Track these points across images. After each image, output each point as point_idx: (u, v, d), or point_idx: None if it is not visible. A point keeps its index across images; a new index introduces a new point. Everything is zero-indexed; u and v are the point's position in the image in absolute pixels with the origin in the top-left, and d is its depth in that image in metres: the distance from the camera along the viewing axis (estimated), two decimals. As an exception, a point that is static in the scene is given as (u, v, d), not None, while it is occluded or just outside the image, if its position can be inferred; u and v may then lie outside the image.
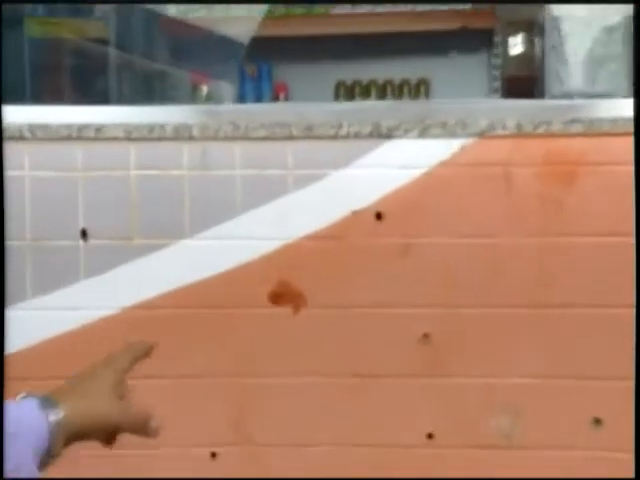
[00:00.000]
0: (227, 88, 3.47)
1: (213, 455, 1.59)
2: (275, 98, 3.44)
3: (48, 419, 0.92)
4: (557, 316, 1.55)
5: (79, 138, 1.56)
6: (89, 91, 3.15)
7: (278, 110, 1.62)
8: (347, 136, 1.56)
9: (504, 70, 3.43)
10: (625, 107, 1.50)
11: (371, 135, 1.56)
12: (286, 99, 3.43)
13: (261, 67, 3.44)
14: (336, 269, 1.57)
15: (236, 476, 1.59)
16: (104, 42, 3.24)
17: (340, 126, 1.56)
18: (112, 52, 3.26)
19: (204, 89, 3.45)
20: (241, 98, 3.44)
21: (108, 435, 0.98)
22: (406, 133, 1.56)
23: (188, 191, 1.57)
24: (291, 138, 1.57)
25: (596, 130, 1.51)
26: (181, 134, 1.57)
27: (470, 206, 1.55)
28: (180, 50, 3.45)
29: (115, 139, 1.57)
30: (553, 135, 1.52)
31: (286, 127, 1.57)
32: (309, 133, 1.57)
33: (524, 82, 3.12)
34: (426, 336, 1.56)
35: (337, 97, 3.38)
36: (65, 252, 1.56)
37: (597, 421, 1.56)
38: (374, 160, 1.56)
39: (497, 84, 3.39)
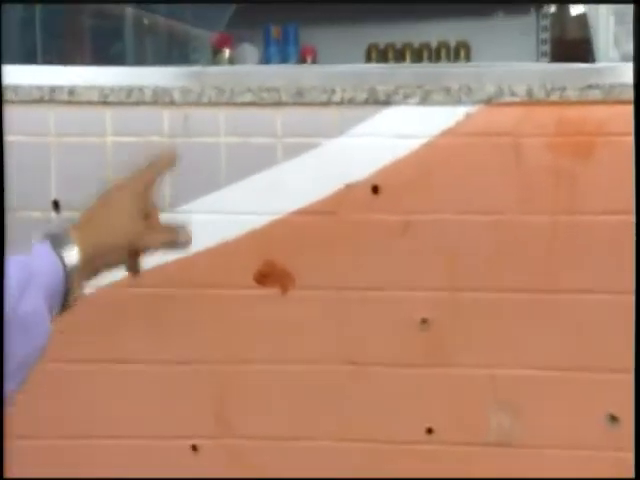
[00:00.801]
0: (251, 51, 3.43)
1: (194, 448, 1.55)
2: (302, 62, 3.38)
3: (63, 260, 0.93)
4: (569, 302, 1.48)
5: (51, 101, 1.52)
6: (105, 54, 3.13)
7: (266, 73, 1.56)
8: (341, 102, 1.50)
9: (555, 32, 3.34)
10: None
11: (367, 101, 1.50)
12: (314, 63, 3.37)
13: (287, 29, 3.38)
14: (328, 247, 1.51)
15: (218, 471, 1.55)
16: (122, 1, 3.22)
17: (333, 91, 1.50)
18: (130, 12, 3.23)
19: (226, 52, 3.41)
20: (266, 62, 3.39)
21: (132, 259, 0.99)
22: (405, 99, 1.49)
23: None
24: (280, 104, 1.51)
25: (616, 97, 1.43)
26: (161, 98, 1.52)
27: (475, 180, 1.48)
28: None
29: (90, 103, 1.52)
30: (568, 102, 1.45)
31: (275, 92, 1.51)
32: (299, 99, 1.51)
33: (578, 45, 3.02)
34: (425, 321, 1.50)
35: (369, 61, 3.31)
36: (35, 225, 1.52)
37: (613, 418, 1.49)
38: (370, 128, 1.50)
39: (545, 47, 3.30)
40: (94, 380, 1.54)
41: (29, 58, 2.72)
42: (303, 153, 1.51)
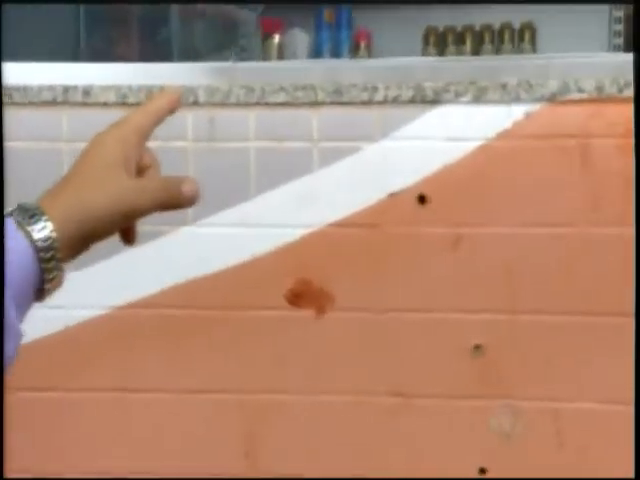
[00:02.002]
0: (302, 37, 3.30)
1: (221, 485, 1.44)
2: (356, 47, 3.25)
3: (31, 236, 0.76)
4: (644, 328, 1.34)
5: (64, 103, 1.42)
6: (150, 43, 3.04)
7: (301, 69, 1.44)
8: (384, 101, 1.37)
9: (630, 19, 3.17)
10: None
11: (413, 100, 1.37)
12: (368, 49, 3.24)
13: (340, 12, 3.25)
14: (369, 264, 1.39)
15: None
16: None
17: (375, 89, 1.37)
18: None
19: (276, 38, 3.29)
20: (317, 48, 3.27)
21: (124, 225, 0.81)
22: (457, 97, 1.36)
23: (192, 167, 1.41)
24: (316, 104, 1.39)
25: (698, 93, 1.28)
26: (185, 98, 1.40)
27: (536, 188, 1.34)
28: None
29: (106, 104, 1.41)
30: (642, 100, 1.30)
31: (310, 90, 1.39)
32: (338, 98, 1.38)
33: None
34: (479, 347, 1.37)
35: (426, 46, 3.17)
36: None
37: (694, 459, 1.34)
38: (416, 131, 1.37)
39: (619, 27, 3.13)
40: (106, 411, 1.43)
41: (73, 47, 2.64)
42: (342, 159, 1.39)
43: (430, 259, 1.37)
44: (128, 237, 0.84)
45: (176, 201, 0.81)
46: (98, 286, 1.42)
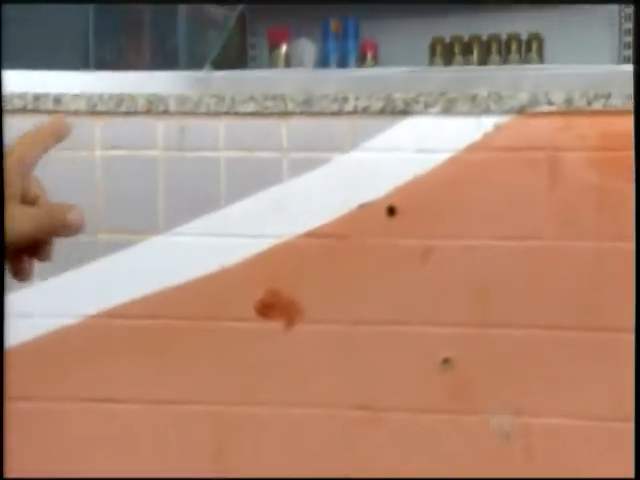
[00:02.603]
0: (309, 47, 3.30)
1: (190, 496, 1.44)
2: (362, 57, 3.25)
3: None
4: (614, 341, 1.32)
5: (35, 111, 1.42)
6: (159, 52, 3.05)
7: (272, 79, 1.44)
8: (354, 112, 1.37)
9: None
10: None
11: (383, 111, 1.36)
12: (375, 59, 3.24)
13: (346, 22, 3.24)
14: (339, 275, 1.38)
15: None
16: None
17: (345, 99, 1.37)
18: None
19: (283, 48, 3.29)
20: (324, 58, 3.27)
21: (14, 257, 0.83)
22: (426, 108, 1.35)
23: (162, 176, 1.41)
24: (286, 114, 1.39)
25: (669, 105, 1.27)
26: (155, 107, 1.41)
27: (506, 201, 1.34)
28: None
29: (77, 113, 1.42)
30: (612, 112, 1.29)
31: (280, 100, 1.39)
32: (308, 108, 1.39)
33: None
34: (448, 361, 1.36)
35: (433, 56, 3.16)
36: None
37: (665, 478, 1.33)
38: (386, 142, 1.37)
39: (629, 39, 3.11)
40: (77, 421, 1.44)
41: (83, 55, 2.66)
42: (312, 169, 1.39)
43: (400, 271, 1.37)
44: (19, 270, 0.84)
45: (60, 228, 0.83)
46: (69, 295, 1.43)
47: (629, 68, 1.40)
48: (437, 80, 1.38)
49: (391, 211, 1.36)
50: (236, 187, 1.40)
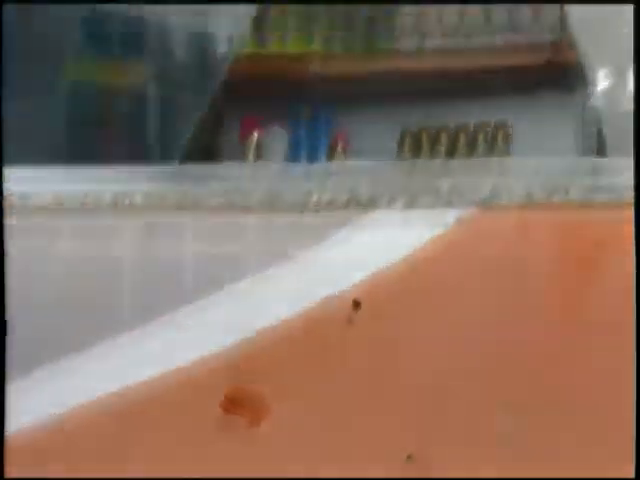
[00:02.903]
0: (280, 134, 3.35)
1: None
2: (333, 145, 3.30)
3: None
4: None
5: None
6: (125, 144, 3.08)
7: (238, 173, 1.46)
8: (318, 205, 1.38)
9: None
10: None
11: (347, 204, 1.38)
12: (345, 146, 3.29)
13: (318, 111, 3.30)
14: (304, 370, 1.38)
15: None
16: (144, 86, 3.18)
17: (310, 193, 1.39)
18: (152, 89, 3.18)
19: (255, 136, 3.34)
20: (295, 146, 3.32)
21: None
22: (390, 202, 1.37)
23: (128, 273, 1.41)
24: (252, 208, 1.40)
25: (629, 200, 1.29)
26: (121, 202, 1.42)
27: (468, 296, 1.34)
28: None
29: (43, 209, 1.43)
30: (572, 205, 1.31)
31: (247, 194, 1.40)
32: (274, 202, 1.40)
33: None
34: (411, 458, 1.36)
35: (402, 145, 3.21)
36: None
37: None
38: (351, 235, 1.38)
39: (592, 131, 3.17)
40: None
41: (52, 148, 2.67)
42: (277, 263, 1.39)
43: (363, 364, 1.37)
44: None
45: None
46: (26, 401, 1.42)
47: (588, 161, 1.43)
48: (401, 173, 1.40)
49: (356, 304, 1.37)
50: (201, 282, 1.40)
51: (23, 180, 1.44)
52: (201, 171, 1.55)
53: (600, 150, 2.06)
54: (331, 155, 3.22)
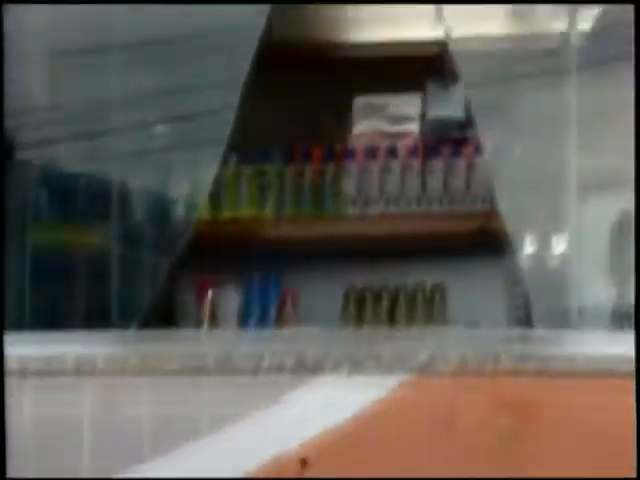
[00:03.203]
0: (233, 296, 3.36)
1: None
2: (283, 303, 3.30)
3: None
4: None
5: (-32, 370, 1.42)
6: (93, 304, 3.02)
7: (193, 338, 1.47)
8: (269, 369, 1.39)
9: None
10: (589, 343, 1.32)
11: (296, 369, 1.39)
12: (294, 305, 3.29)
13: (268, 272, 3.31)
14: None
15: None
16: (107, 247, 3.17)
17: (261, 357, 1.40)
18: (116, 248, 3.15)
19: (209, 297, 3.34)
20: (247, 306, 3.31)
21: None
22: (335, 367, 1.38)
23: (87, 434, 1.40)
24: (206, 371, 1.40)
25: (556, 368, 1.31)
26: (83, 367, 1.41)
27: (407, 455, 1.35)
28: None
29: (8, 373, 1.42)
30: (503, 372, 1.33)
31: (202, 358, 1.41)
32: (227, 365, 1.40)
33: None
34: None
35: (346, 303, 3.23)
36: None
37: None
38: (299, 397, 1.38)
39: (520, 289, 3.21)
40: None
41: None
42: (229, 424, 1.39)
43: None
44: None
45: None
46: None
47: (518, 331, 1.46)
48: (345, 340, 1.42)
49: (303, 463, 1.37)
50: (159, 443, 1.39)
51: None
52: (159, 336, 1.56)
53: (528, 319, 2.10)
54: (281, 312, 3.23)
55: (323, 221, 3.19)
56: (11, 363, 1.41)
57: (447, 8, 2.19)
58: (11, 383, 1.40)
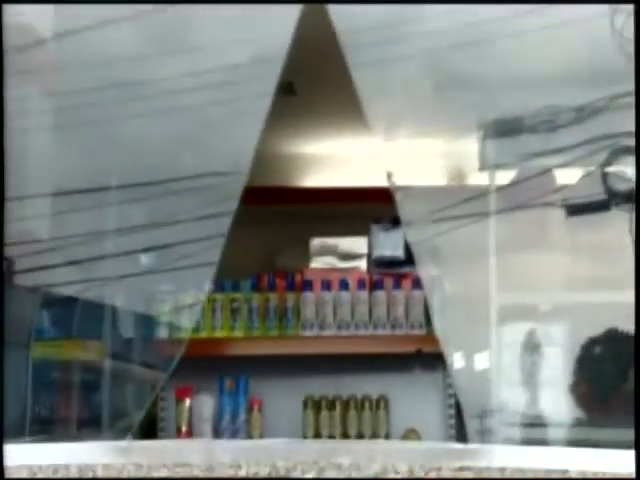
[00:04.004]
0: (208, 401, 3.31)
1: None
2: (250, 410, 3.26)
3: None
4: None
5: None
6: (86, 409, 2.94)
7: (181, 449, 1.43)
8: (246, 477, 1.36)
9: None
10: (515, 455, 1.31)
11: (269, 475, 1.36)
12: (260, 411, 3.25)
13: (238, 381, 3.28)
14: None
15: None
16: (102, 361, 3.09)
17: (239, 466, 1.37)
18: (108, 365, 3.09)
19: (187, 402, 3.29)
20: (220, 409, 3.26)
21: None
22: (303, 474, 1.36)
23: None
24: (192, 478, 1.37)
25: (485, 476, 1.30)
26: (84, 474, 1.37)
27: None
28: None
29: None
30: (444, 480, 1.31)
31: (187, 467, 1.38)
32: (210, 473, 1.37)
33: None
34: None
35: (305, 409, 3.19)
36: None
37: None
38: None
39: (451, 401, 3.20)
40: None
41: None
42: None
43: None
44: None
45: None
46: None
47: (456, 445, 1.44)
48: (311, 451, 1.40)
49: None
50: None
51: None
52: (149, 446, 1.52)
53: (462, 434, 2.09)
54: (249, 415, 3.20)
55: (286, 341, 3.19)
56: (22, 472, 1.37)
57: (390, 162, 2.21)
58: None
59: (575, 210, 2.36)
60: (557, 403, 2.40)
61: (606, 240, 2.30)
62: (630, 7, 1.98)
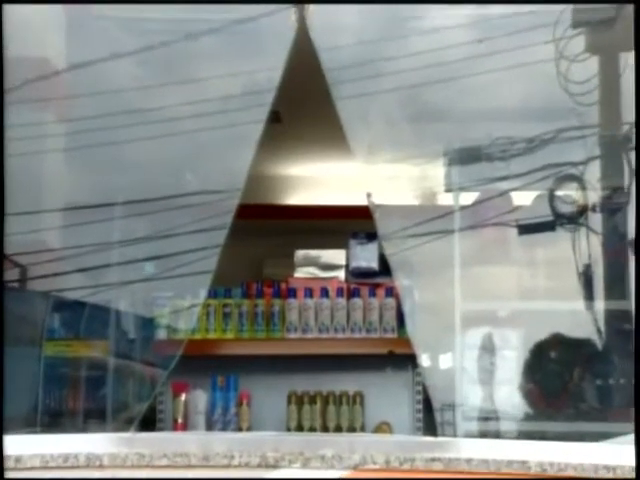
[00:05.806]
0: (202, 396, 3.28)
1: None
2: (239, 404, 3.22)
3: None
4: None
5: None
6: (92, 400, 2.89)
7: (180, 440, 1.41)
8: (239, 465, 1.35)
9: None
10: (481, 448, 1.30)
11: (259, 465, 1.34)
12: (248, 405, 3.22)
13: (229, 378, 3.25)
14: None
15: None
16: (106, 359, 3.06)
17: (232, 457, 1.35)
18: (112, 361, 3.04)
19: (182, 397, 3.26)
20: (213, 403, 3.23)
21: None
22: (290, 464, 1.34)
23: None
24: (190, 466, 1.35)
25: (454, 467, 1.29)
26: (92, 463, 1.35)
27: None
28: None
29: (32, 468, 1.35)
30: (417, 470, 1.30)
31: (185, 456, 1.36)
32: (206, 462, 1.35)
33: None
34: None
35: (289, 404, 3.16)
36: None
37: None
38: None
39: (420, 397, 3.18)
40: None
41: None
42: None
43: None
44: None
45: None
46: None
47: (426, 438, 1.43)
48: (297, 443, 1.38)
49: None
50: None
51: (18, 445, 1.37)
52: (151, 437, 1.50)
53: (433, 427, 2.09)
54: (239, 409, 3.18)
55: (272, 342, 3.17)
56: (35, 461, 1.34)
57: (369, 183, 2.20)
58: (34, 475, 1.33)
59: (526, 229, 2.38)
60: (510, 399, 2.41)
61: (552, 256, 2.32)
62: (574, 52, 2.00)
